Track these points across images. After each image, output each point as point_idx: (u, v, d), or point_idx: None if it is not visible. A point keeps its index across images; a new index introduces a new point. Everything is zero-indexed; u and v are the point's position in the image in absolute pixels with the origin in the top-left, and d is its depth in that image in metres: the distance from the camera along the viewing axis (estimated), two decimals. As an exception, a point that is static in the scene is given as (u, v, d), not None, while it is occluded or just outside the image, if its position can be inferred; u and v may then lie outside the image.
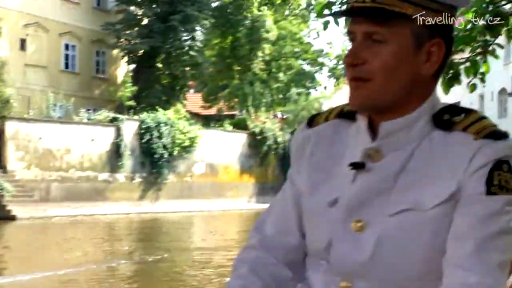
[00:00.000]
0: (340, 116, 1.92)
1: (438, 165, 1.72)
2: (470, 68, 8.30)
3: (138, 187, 42.82)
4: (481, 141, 1.68)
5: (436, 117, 1.77)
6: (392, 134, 1.76)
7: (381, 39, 1.71)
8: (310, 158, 1.91)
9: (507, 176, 1.67)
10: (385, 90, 1.72)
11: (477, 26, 8.20)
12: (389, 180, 1.74)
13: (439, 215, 1.69)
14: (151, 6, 50.85)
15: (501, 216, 1.65)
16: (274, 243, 1.94)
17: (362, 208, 1.76)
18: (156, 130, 42.94)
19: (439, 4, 1.73)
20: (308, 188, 1.88)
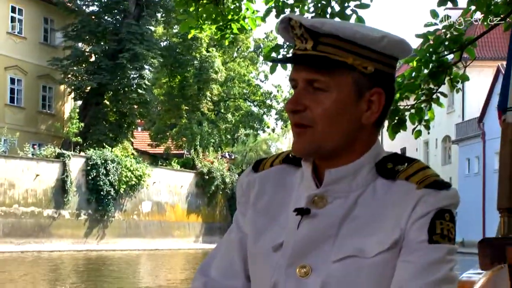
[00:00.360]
0: (285, 161, 1.95)
1: (381, 213, 1.75)
2: (415, 115, 8.52)
3: (84, 224, 42.46)
4: (423, 190, 1.72)
5: (379, 166, 1.80)
6: (336, 182, 1.78)
7: (322, 87, 1.74)
8: (256, 203, 1.92)
9: (449, 225, 1.72)
10: (327, 137, 1.75)
11: (421, 74, 8.40)
12: (334, 227, 1.76)
13: (382, 262, 1.72)
14: (99, 43, 51.05)
15: (443, 265, 1.69)
16: (219, 286, 1.94)
17: (307, 253, 1.77)
18: (103, 167, 42.83)
19: (380, 54, 1.76)
20: (253, 232, 1.89)
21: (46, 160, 40.76)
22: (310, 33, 1.74)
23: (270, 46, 9.74)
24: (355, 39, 1.72)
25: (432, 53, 8.41)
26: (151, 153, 59.59)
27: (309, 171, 1.83)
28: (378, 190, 1.78)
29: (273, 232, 1.85)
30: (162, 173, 48.97)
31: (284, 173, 1.93)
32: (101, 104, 50.44)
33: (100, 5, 52.55)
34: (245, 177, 1.99)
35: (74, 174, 41.72)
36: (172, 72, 57.14)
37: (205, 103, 58.01)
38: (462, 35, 8.53)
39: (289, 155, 1.95)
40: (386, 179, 1.78)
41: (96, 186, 42.51)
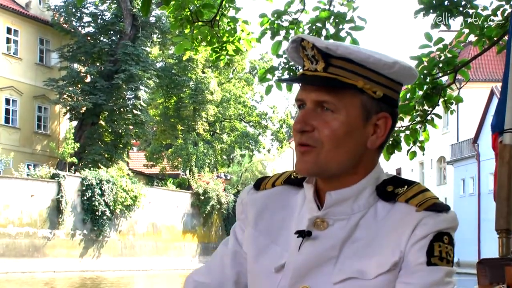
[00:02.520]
0: (287, 182, 1.97)
1: (382, 235, 1.77)
2: (409, 136, 8.55)
3: (79, 244, 42.23)
4: (423, 213, 1.74)
5: (380, 189, 1.82)
6: (338, 204, 1.80)
7: (331, 108, 1.75)
8: (257, 223, 1.93)
9: (447, 247, 1.74)
10: (332, 159, 1.76)
11: (416, 96, 8.43)
12: (335, 249, 1.78)
13: (382, 283, 1.74)
14: (95, 64, 51.03)
15: (440, 287, 1.71)
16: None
17: (308, 275, 1.79)
18: (98, 187, 42.67)
19: (389, 80, 1.79)
20: (254, 252, 1.91)
21: (41, 181, 40.58)
22: (322, 55, 1.75)
23: (265, 68, 9.75)
24: (368, 63, 1.75)
25: (427, 75, 8.43)
26: (147, 173, 59.53)
27: (311, 193, 1.85)
28: (378, 212, 1.81)
29: (274, 253, 1.87)
30: (157, 193, 48.78)
31: (286, 194, 1.95)
32: (97, 124, 50.30)
33: (96, 26, 52.65)
34: (246, 195, 2.00)
35: (69, 194, 41.50)
36: (168, 93, 57.15)
37: (201, 123, 57.99)
38: (456, 58, 8.56)
39: (291, 176, 1.97)
40: (386, 201, 1.81)
41: (91, 206, 42.32)
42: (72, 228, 41.76)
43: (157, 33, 53.47)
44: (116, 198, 43.53)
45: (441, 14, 8.28)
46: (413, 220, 1.74)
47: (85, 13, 52.66)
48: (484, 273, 2.59)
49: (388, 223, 1.78)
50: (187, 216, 50.56)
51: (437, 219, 1.74)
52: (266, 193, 1.97)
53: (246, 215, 1.97)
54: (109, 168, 45.29)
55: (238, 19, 9.24)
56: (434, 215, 1.74)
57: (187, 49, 9.15)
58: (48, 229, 40.37)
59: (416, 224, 1.74)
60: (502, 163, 2.87)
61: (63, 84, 49.24)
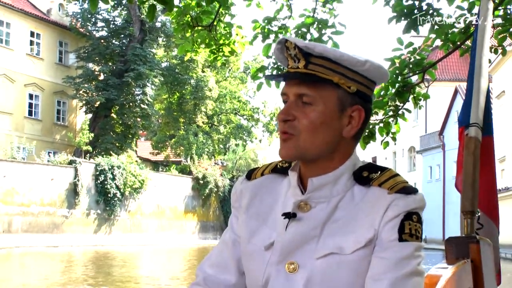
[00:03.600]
0: (274, 171, 1.98)
1: (358, 215, 1.78)
2: (383, 128, 8.54)
3: (93, 222, 42.32)
4: (394, 195, 1.76)
5: (356, 174, 1.84)
6: (319, 189, 1.81)
7: (310, 100, 1.77)
8: (248, 208, 1.94)
9: (416, 225, 1.75)
10: (310, 145, 1.78)
11: (389, 93, 8.43)
12: (317, 228, 1.79)
13: (359, 258, 1.75)
14: (108, 64, 51.01)
15: (411, 260, 1.73)
16: (215, 281, 1.97)
17: (294, 252, 1.80)
18: (110, 172, 42.74)
19: (362, 77, 1.80)
20: (246, 234, 1.92)
21: (60, 166, 40.61)
22: (303, 54, 1.77)
23: (257, 67, 9.74)
24: (342, 61, 1.76)
25: (398, 74, 8.43)
26: (153, 160, 59.52)
27: (295, 179, 1.86)
28: (355, 195, 1.82)
29: (264, 233, 1.88)
30: (162, 177, 48.83)
31: (273, 181, 1.96)
32: (109, 117, 50.42)
33: (109, 30, 52.68)
34: (239, 185, 2.02)
35: (85, 178, 41.58)
36: (171, 89, 57.09)
37: (200, 116, 57.97)
38: (424, 59, 8.56)
39: (277, 166, 1.98)
40: (362, 185, 1.82)
41: (104, 189, 42.43)
42: (87, 208, 41.84)
43: (162, 36, 53.42)
44: (125, 182, 43.60)
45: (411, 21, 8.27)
46: (386, 201, 1.76)
47: (99, 18, 52.73)
48: (451, 249, 2.59)
49: (364, 204, 1.79)
50: (188, 198, 50.53)
51: (406, 200, 1.76)
52: (256, 182, 1.99)
53: (240, 203, 1.98)
54: (119, 156, 45.29)
55: (233, 24, 9.21)
56: (404, 197, 1.76)
57: (188, 51, 9.11)
58: (66, 209, 40.45)
59: (388, 205, 1.75)
60: (468, 153, 2.87)
61: (79, 81, 49.45)
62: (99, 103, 49.44)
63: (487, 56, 3.06)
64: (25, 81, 47.01)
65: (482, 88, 2.97)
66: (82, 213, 41.49)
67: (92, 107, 50.19)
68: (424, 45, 9.08)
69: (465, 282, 2.41)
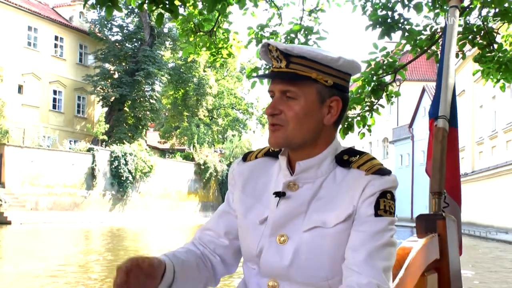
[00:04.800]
0: (266, 155, 1.99)
1: (339, 194, 1.80)
2: (360, 121, 8.56)
3: (108, 202, 42.29)
4: (370, 176, 1.78)
5: (338, 157, 1.85)
6: (305, 171, 1.83)
7: (293, 96, 1.78)
8: (244, 187, 1.96)
9: (390, 202, 1.77)
10: (296, 134, 1.78)
11: (365, 91, 8.44)
12: (304, 205, 1.81)
13: (339, 231, 1.76)
14: (121, 64, 50.93)
15: (385, 233, 1.74)
16: (209, 239, 2.00)
17: (284, 225, 1.82)
18: (123, 158, 42.66)
19: (337, 71, 1.80)
20: (243, 210, 1.93)
21: (79, 153, 40.55)
22: (284, 55, 1.78)
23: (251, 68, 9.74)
24: (318, 59, 1.76)
25: (373, 75, 8.43)
26: (160, 148, 59.56)
27: (285, 163, 1.87)
28: (337, 176, 1.83)
29: (258, 210, 1.90)
30: (168, 163, 48.73)
31: (266, 164, 1.97)
32: (122, 110, 50.33)
33: (122, 35, 52.61)
34: (236, 166, 2.02)
35: (101, 163, 41.52)
36: (177, 86, 56.96)
37: (202, 110, 57.96)
38: (396, 62, 8.58)
39: (269, 150, 1.99)
40: (343, 167, 1.83)
41: (118, 173, 42.36)
42: (103, 189, 41.81)
43: (169, 40, 53.32)
44: (136, 167, 43.53)
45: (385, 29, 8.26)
46: (363, 181, 1.77)
47: (114, 24, 52.68)
48: (421, 225, 2.60)
49: (345, 184, 1.80)
50: (191, 181, 50.49)
51: (381, 180, 1.77)
52: (251, 164, 1.99)
53: (236, 182, 1.99)
54: (131, 144, 45.19)
55: (230, 30, 9.18)
56: (379, 178, 1.77)
57: (191, 53, 9.08)
58: (85, 190, 40.44)
59: (365, 185, 1.77)
60: (437, 142, 2.88)
61: (97, 79, 49.47)
62: (114, 98, 49.51)
63: (453, 58, 3.07)
64: (50, 79, 47.02)
65: (449, 85, 2.98)
66: (98, 193, 41.46)
67: (108, 102, 50.17)
68: (396, 50, 9.11)
69: (433, 253, 2.43)
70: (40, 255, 17.84)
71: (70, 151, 40.66)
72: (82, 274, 13.11)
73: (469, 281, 12.82)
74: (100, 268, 14.62)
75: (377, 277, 1.67)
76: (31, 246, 20.94)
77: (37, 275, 13.18)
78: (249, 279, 1.92)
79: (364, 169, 1.79)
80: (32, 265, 15.14)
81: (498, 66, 8.17)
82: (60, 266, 14.81)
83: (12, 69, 42.69)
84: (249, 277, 1.92)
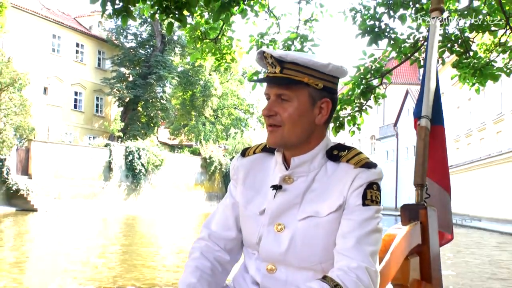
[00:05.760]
0: (264, 150, 1.98)
1: (331, 186, 1.80)
2: (350, 120, 8.58)
3: (123, 192, 42.18)
4: (359, 169, 1.78)
5: (328, 152, 1.85)
6: (299, 166, 1.83)
7: (287, 98, 1.77)
8: (244, 180, 1.95)
9: (376, 193, 1.77)
10: (291, 134, 1.78)
11: (355, 93, 8.46)
12: (298, 197, 1.82)
13: (331, 220, 1.77)
14: (135, 68, 50.91)
15: (372, 220, 1.75)
16: (219, 236, 1.98)
17: (281, 215, 1.83)
18: (137, 153, 42.54)
19: (327, 75, 1.79)
20: (244, 201, 1.93)
21: (98, 148, 40.45)
22: (278, 61, 1.77)
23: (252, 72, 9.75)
24: (309, 65, 1.76)
25: (363, 78, 8.45)
26: (170, 144, 59.43)
27: (280, 158, 1.88)
28: (328, 170, 1.83)
29: (258, 202, 1.90)
30: (177, 157, 48.58)
31: (263, 159, 1.96)
32: (136, 110, 50.20)
33: (137, 42, 52.52)
34: (236, 161, 2.01)
35: (117, 157, 41.41)
36: (185, 88, 56.88)
37: (208, 110, 57.83)
38: (382, 67, 8.60)
39: (266, 146, 1.97)
40: (333, 162, 1.83)
41: (132, 166, 42.22)
42: (119, 181, 41.71)
43: (178, 47, 53.26)
44: (149, 161, 43.42)
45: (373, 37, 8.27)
46: (352, 174, 1.78)
47: (129, 33, 52.60)
48: (405, 213, 2.62)
49: (335, 177, 1.81)
50: (198, 174, 50.38)
51: (368, 173, 1.77)
52: (249, 159, 1.98)
53: (237, 175, 1.98)
54: (144, 140, 45.12)
55: (233, 38, 9.18)
56: (366, 171, 1.77)
57: (198, 58, 9.08)
58: (102, 181, 40.35)
59: (354, 177, 1.77)
60: (420, 139, 2.89)
61: (113, 82, 49.39)
62: (129, 99, 49.46)
63: (435, 63, 3.07)
64: (72, 81, 47.02)
65: (431, 88, 2.98)
66: (115, 185, 41.36)
67: (123, 102, 50.11)
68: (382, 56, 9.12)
69: (415, 239, 2.44)
70: (64, 239, 17.88)
71: (89, 146, 40.57)
72: (100, 258, 13.12)
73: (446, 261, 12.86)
74: (117, 252, 14.62)
75: (365, 261, 1.69)
76: (53, 232, 20.96)
77: (66, 253, 13.26)
78: (249, 262, 1.93)
79: (352, 163, 1.79)
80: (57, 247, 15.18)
81: (474, 71, 8.18)
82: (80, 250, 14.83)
83: (38, 73, 42.63)
84: (249, 261, 1.93)
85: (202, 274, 1.85)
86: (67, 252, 14.15)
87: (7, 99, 32.29)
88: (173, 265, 12.14)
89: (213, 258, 1.93)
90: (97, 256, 13.34)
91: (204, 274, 1.86)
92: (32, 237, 18.58)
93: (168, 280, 9.99)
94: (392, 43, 8.43)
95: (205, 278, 1.85)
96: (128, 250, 14.76)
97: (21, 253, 13.80)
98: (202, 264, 1.89)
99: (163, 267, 11.68)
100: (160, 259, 13.38)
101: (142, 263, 12.22)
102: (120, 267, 11.56)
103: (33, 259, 12.95)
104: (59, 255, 13.55)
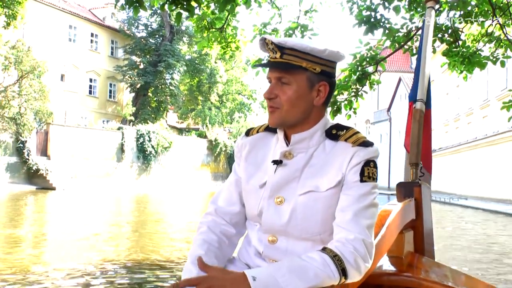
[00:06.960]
0: (266, 130, 1.99)
1: (329, 162, 1.80)
2: (347, 105, 8.56)
3: (135, 172, 42.27)
4: (356, 148, 1.78)
5: (327, 131, 1.85)
6: (299, 142, 1.83)
7: (287, 82, 1.78)
8: (247, 157, 1.96)
9: (373, 170, 1.78)
10: (290, 114, 1.79)
11: (351, 79, 8.44)
12: (298, 172, 1.82)
13: (330, 194, 1.77)
14: (146, 56, 50.81)
15: (369, 196, 1.75)
16: (224, 211, 1.98)
17: (281, 189, 1.83)
18: (147, 135, 42.59)
19: (324, 60, 1.79)
20: (246, 176, 1.94)
21: (111, 131, 40.50)
22: (278, 47, 1.78)
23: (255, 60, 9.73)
24: (307, 50, 1.76)
25: (359, 65, 8.43)
26: (178, 127, 59.42)
27: (282, 136, 1.88)
28: (326, 147, 1.83)
29: (259, 176, 1.90)
30: (185, 140, 48.64)
31: (266, 137, 1.97)
32: (146, 95, 50.13)
33: (147, 32, 52.34)
34: (240, 140, 2.01)
35: (129, 140, 41.47)
36: (192, 75, 56.77)
37: (213, 96, 57.77)
38: (377, 55, 8.56)
39: (268, 126, 1.97)
40: (331, 140, 1.84)
41: (143, 148, 42.28)
42: (130, 161, 41.78)
43: (186, 36, 53.08)
44: (158, 143, 43.48)
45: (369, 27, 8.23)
46: (350, 152, 1.78)
47: (140, 23, 52.43)
48: (401, 191, 2.62)
49: (333, 154, 1.81)
50: (204, 155, 50.46)
51: (365, 151, 1.78)
52: (253, 137, 1.99)
53: (241, 153, 1.99)
54: (154, 123, 45.20)
55: (238, 27, 9.14)
56: (363, 149, 1.78)
57: (205, 46, 9.05)
58: (115, 162, 40.44)
59: (352, 155, 1.77)
60: (415, 121, 2.89)
61: (125, 69, 49.30)
62: (140, 85, 49.37)
63: (430, 50, 3.05)
64: (86, 68, 46.98)
65: (426, 73, 2.97)
66: (127, 165, 41.42)
67: (134, 88, 50.02)
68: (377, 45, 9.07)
69: (410, 214, 2.45)
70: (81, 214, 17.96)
71: (103, 129, 40.65)
72: (116, 234, 13.17)
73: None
74: (131, 228, 14.68)
75: (362, 233, 1.70)
76: (69, 210, 21.05)
77: (83, 227, 13.31)
78: (252, 234, 1.93)
79: (351, 141, 1.80)
80: (75, 221, 15.26)
81: (462, 60, 8.17)
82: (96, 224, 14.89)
83: (55, 61, 42.58)
84: (252, 232, 1.93)
85: (209, 247, 1.86)
86: (84, 225, 14.22)
87: (27, 86, 32.38)
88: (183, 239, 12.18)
89: (220, 231, 1.94)
90: (110, 231, 13.40)
91: (211, 246, 1.87)
92: (51, 213, 18.67)
93: (179, 251, 10.03)
94: (386, 32, 8.40)
95: (212, 251, 1.86)
96: (141, 225, 14.84)
97: (40, 227, 13.88)
98: (209, 238, 1.90)
99: (171, 241, 11.72)
100: (171, 232, 13.43)
101: (154, 236, 12.28)
102: (133, 240, 11.62)
103: (51, 233, 13.01)
104: (77, 229, 13.61)
